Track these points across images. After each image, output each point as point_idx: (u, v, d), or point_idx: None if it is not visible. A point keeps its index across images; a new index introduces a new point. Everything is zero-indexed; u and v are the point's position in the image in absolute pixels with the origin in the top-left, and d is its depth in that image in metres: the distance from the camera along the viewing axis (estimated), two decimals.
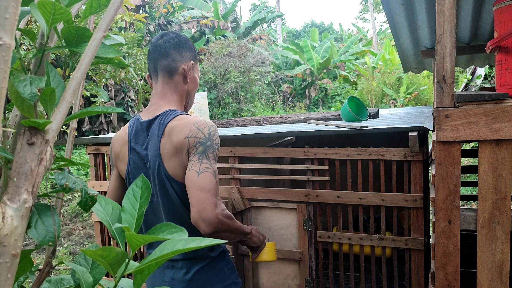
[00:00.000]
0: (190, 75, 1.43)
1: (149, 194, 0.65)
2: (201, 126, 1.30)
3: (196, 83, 1.47)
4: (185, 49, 1.42)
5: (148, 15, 10.65)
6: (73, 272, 0.60)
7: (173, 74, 1.39)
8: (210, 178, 1.23)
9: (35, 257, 4.68)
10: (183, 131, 1.28)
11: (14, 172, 0.45)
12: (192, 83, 1.45)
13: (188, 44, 1.43)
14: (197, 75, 1.48)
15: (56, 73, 0.55)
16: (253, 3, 29.00)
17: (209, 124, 1.32)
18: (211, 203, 1.21)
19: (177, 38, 1.42)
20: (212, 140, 1.29)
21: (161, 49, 1.39)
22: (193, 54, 1.45)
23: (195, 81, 1.46)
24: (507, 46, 1.46)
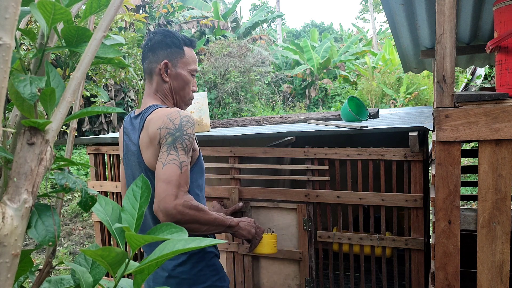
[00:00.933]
0: (172, 73, 1.40)
1: (149, 194, 0.65)
2: (173, 117, 1.29)
3: (181, 79, 1.41)
4: (160, 49, 1.39)
5: (148, 15, 10.65)
6: (73, 272, 0.60)
7: (152, 75, 1.41)
8: (173, 169, 1.22)
9: (35, 257, 4.68)
10: (157, 122, 1.29)
11: (14, 172, 0.45)
12: (176, 80, 1.41)
13: (164, 42, 1.39)
14: (182, 71, 1.41)
15: (56, 73, 0.55)
16: (253, 3, 29.02)
17: (182, 115, 1.29)
18: (170, 194, 1.20)
19: (154, 38, 1.41)
20: (182, 130, 1.26)
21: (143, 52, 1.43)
22: (170, 51, 1.39)
23: (178, 78, 1.41)
24: (507, 46, 1.46)
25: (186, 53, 1.42)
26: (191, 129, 1.29)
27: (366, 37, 18.94)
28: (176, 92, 1.42)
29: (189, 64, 1.42)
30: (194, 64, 1.44)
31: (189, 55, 1.42)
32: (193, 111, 2.87)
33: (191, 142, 1.28)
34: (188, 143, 1.27)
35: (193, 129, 1.29)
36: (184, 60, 1.41)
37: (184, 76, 1.41)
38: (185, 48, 1.42)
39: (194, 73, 1.44)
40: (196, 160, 1.39)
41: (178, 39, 1.41)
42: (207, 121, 2.91)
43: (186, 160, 1.25)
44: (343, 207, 2.39)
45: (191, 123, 1.30)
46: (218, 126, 3.32)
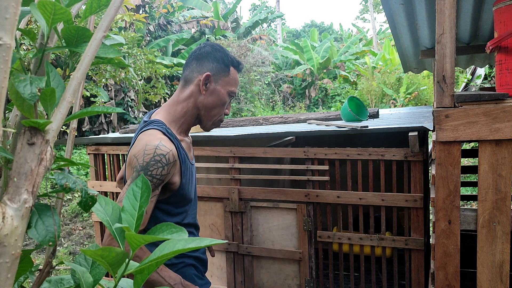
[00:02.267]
0: (210, 87, 1.33)
1: (149, 194, 0.65)
2: (147, 152, 1.22)
3: (217, 96, 1.34)
4: (207, 60, 1.35)
5: (148, 15, 10.65)
6: (73, 272, 0.60)
7: (188, 84, 1.36)
8: None
9: (35, 257, 4.68)
10: (136, 147, 1.24)
11: (14, 172, 0.45)
12: (211, 96, 1.34)
13: (213, 56, 1.34)
14: (222, 89, 1.34)
15: (56, 73, 0.55)
16: (253, 3, 29.01)
17: (157, 153, 1.21)
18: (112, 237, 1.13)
19: (203, 48, 1.37)
20: (147, 171, 1.19)
21: (188, 59, 1.39)
22: (216, 66, 1.34)
23: (215, 94, 1.34)
24: (507, 46, 1.46)
25: (231, 74, 1.36)
26: (159, 170, 1.21)
27: (366, 37, 18.94)
28: (207, 108, 1.35)
29: (231, 85, 1.36)
30: (235, 86, 1.38)
31: (233, 76, 1.37)
32: None
33: (155, 183, 1.21)
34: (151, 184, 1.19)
35: (162, 170, 1.21)
36: (227, 79, 1.36)
37: (221, 95, 1.35)
38: (231, 68, 1.37)
39: (232, 94, 1.38)
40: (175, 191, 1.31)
41: (227, 57, 1.37)
42: None
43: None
44: (343, 207, 2.39)
45: (162, 163, 1.21)
46: None
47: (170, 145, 1.26)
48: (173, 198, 1.32)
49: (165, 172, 1.23)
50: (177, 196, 1.32)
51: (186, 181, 1.33)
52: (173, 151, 1.25)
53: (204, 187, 2.60)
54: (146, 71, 5.53)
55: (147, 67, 5.56)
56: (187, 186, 1.34)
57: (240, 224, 2.50)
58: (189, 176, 1.36)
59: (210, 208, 2.60)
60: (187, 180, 1.34)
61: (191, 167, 1.39)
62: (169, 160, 1.23)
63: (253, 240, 2.51)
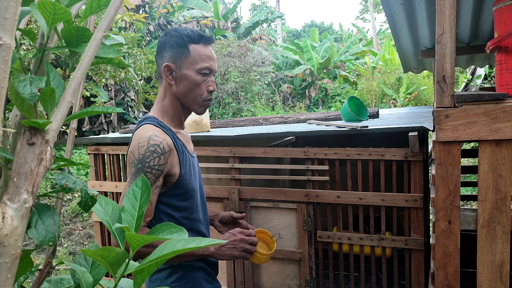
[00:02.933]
0: (177, 75, 1.31)
1: (149, 194, 0.65)
2: (141, 144, 1.22)
3: (187, 80, 1.30)
4: (164, 50, 1.32)
5: (148, 15, 10.66)
6: (73, 272, 0.60)
7: (160, 79, 1.36)
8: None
9: (35, 257, 4.68)
10: (131, 143, 1.26)
11: (14, 172, 0.45)
12: (181, 83, 1.31)
13: (169, 44, 1.31)
14: (188, 71, 1.30)
15: (56, 73, 0.55)
16: (253, 3, 29.00)
17: (150, 143, 1.22)
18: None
19: (160, 40, 1.35)
20: (144, 163, 1.20)
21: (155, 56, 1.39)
22: (174, 52, 1.30)
23: (184, 80, 1.31)
24: (507, 46, 1.46)
25: (192, 52, 1.30)
26: (156, 160, 1.21)
27: (366, 37, 18.94)
28: (185, 96, 1.33)
29: (196, 63, 1.30)
30: (204, 61, 1.31)
31: (196, 53, 1.30)
32: None
33: (154, 174, 1.22)
34: (151, 175, 1.21)
35: (159, 160, 1.22)
36: (190, 59, 1.30)
37: (190, 77, 1.30)
38: (191, 46, 1.30)
39: (204, 71, 1.31)
40: (176, 183, 1.30)
41: (182, 37, 1.30)
42: (207, 121, 2.91)
43: None
44: (343, 207, 2.39)
45: (157, 153, 1.22)
46: (218, 126, 3.32)
47: (163, 135, 1.26)
48: (175, 190, 1.31)
49: (163, 161, 1.23)
50: (179, 188, 1.31)
51: (186, 172, 1.32)
52: (167, 140, 1.25)
53: (204, 187, 2.60)
54: (146, 71, 5.53)
55: (147, 67, 5.56)
56: (187, 176, 1.32)
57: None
58: (189, 167, 1.34)
59: (210, 208, 2.60)
60: (187, 170, 1.33)
61: (191, 159, 1.38)
62: (164, 149, 1.23)
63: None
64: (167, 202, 1.31)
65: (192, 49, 1.31)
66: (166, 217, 1.30)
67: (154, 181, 1.22)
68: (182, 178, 1.30)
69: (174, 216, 1.31)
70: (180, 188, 1.31)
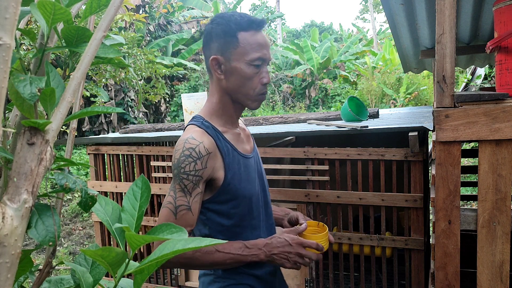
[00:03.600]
0: (226, 68, 1.17)
1: (149, 194, 0.65)
2: (178, 148, 1.14)
3: (237, 74, 1.16)
4: (211, 41, 1.18)
5: (148, 15, 10.66)
6: (73, 272, 0.60)
7: (209, 73, 1.23)
8: (166, 214, 1.13)
9: (35, 257, 4.68)
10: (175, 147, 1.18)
11: (14, 172, 0.45)
12: (232, 77, 1.17)
13: (215, 33, 1.17)
14: (238, 64, 1.15)
15: (56, 73, 0.55)
16: (253, 3, 29.01)
17: (185, 147, 1.12)
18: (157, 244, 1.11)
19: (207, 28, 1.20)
20: (179, 168, 1.11)
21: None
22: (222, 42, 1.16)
23: (234, 73, 1.16)
24: (507, 46, 1.46)
25: (242, 41, 1.15)
26: (192, 165, 1.11)
27: (366, 37, 18.95)
28: (236, 91, 1.19)
29: (247, 54, 1.15)
30: (255, 51, 1.15)
31: (246, 42, 1.15)
32: (193, 111, 2.87)
33: (192, 180, 1.12)
34: (188, 182, 1.12)
35: (195, 165, 1.11)
36: (239, 50, 1.15)
37: (241, 70, 1.16)
38: (240, 34, 1.15)
39: (257, 63, 1.16)
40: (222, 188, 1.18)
41: (229, 25, 1.15)
42: None
43: (184, 204, 1.12)
44: (343, 207, 2.39)
45: (193, 157, 1.11)
46: None
47: (203, 137, 1.14)
48: (222, 196, 1.19)
49: (200, 166, 1.12)
50: (226, 193, 1.19)
51: (234, 176, 1.19)
52: (205, 143, 1.13)
53: None
54: (146, 71, 5.53)
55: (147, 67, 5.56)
56: (236, 181, 1.19)
57: None
58: (238, 170, 1.21)
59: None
60: (235, 174, 1.20)
61: (243, 160, 1.24)
62: (200, 152, 1.12)
63: None
64: (214, 209, 1.20)
65: (242, 38, 1.15)
66: (214, 225, 1.21)
67: (193, 188, 1.12)
68: (229, 182, 1.18)
69: (223, 223, 1.21)
70: (227, 193, 1.19)
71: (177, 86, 11.37)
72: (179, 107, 11.01)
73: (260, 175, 1.32)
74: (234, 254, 1.14)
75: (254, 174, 1.27)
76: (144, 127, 3.46)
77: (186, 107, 2.88)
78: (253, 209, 1.25)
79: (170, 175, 2.77)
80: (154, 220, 2.91)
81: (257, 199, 1.27)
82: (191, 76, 11.58)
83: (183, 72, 10.97)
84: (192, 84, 11.45)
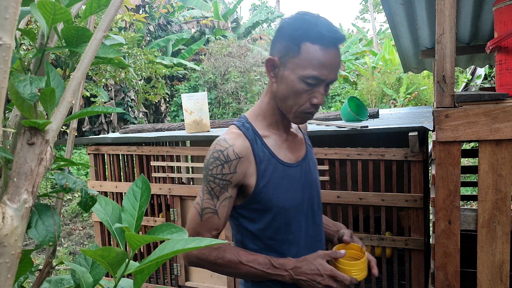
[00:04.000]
0: (279, 73, 1.07)
1: (149, 194, 0.65)
2: (210, 148, 1.09)
3: (286, 84, 1.06)
4: (277, 40, 1.08)
5: (148, 15, 10.66)
6: (73, 272, 0.60)
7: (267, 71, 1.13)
8: (193, 216, 1.11)
9: (35, 257, 4.68)
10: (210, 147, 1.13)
11: (14, 172, 0.45)
12: (281, 84, 1.07)
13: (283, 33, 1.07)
14: (290, 74, 1.04)
15: (56, 73, 0.55)
16: (253, 3, 29.00)
17: (215, 149, 1.07)
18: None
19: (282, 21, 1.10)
20: (207, 170, 1.07)
21: None
22: (284, 45, 1.05)
23: (283, 81, 1.06)
24: (507, 46, 1.46)
25: (304, 52, 1.02)
26: (219, 168, 1.05)
27: (366, 37, 18.95)
28: (282, 99, 1.09)
29: (303, 68, 1.02)
30: (313, 69, 1.02)
31: (307, 55, 1.02)
32: (193, 111, 2.87)
33: (218, 184, 1.06)
34: (214, 185, 1.06)
35: (222, 168, 1.05)
36: (297, 60, 1.03)
37: (290, 82, 1.04)
38: (305, 45, 1.02)
39: (310, 81, 1.03)
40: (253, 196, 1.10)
41: (298, 31, 1.03)
42: (207, 121, 2.90)
43: (210, 207, 1.07)
44: (343, 207, 2.39)
45: (220, 160, 1.05)
46: (218, 126, 3.32)
47: (236, 140, 1.07)
48: (253, 204, 1.11)
49: (228, 171, 1.05)
50: (257, 202, 1.10)
51: (268, 184, 1.09)
52: (236, 146, 1.06)
53: None
54: (146, 71, 5.54)
55: (147, 67, 5.56)
56: (270, 190, 1.10)
57: None
58: (275, 178, 1.11)
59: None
60: (270, 182, 1.10)
61: (283, 169, 1.13)
62: (229, 157, 1.05)
63: None
64: (246, 216, 1.13)
65: (304, 49, 1.02)
66: (246, 232, 1.15)
67: (221, 192, 1.07)
68: (260, 191, 1.09)
69: (255, 233, 1.13)
70: (258, 202, 1.10)
71: (177, 86, 11.38)
72: (179, 107, 11.02)
73: (309, 185, 1.19)
74: (257, 269, 1.08)
75: (298, 184, 1.15)
76: (144, 127, 3.46)
77: (186, 107, 2.88)
78: (292, 222, 1.14)
79: (170, 175, 2.77)
80: (154, 220, 2.91)
81: (298, 212, 1.15)
82: (191, 76, 11.58)
83: (183, 72, 10.97)
84: (192, 84, 11.46)
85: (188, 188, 2.71)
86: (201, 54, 12.27)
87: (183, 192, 2.71)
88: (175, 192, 2.72)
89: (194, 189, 2.67)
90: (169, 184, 2.76)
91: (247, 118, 1.15)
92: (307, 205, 1.18)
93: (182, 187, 2.72)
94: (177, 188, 2.72)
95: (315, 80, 1.03)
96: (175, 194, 2.73)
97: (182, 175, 2.78)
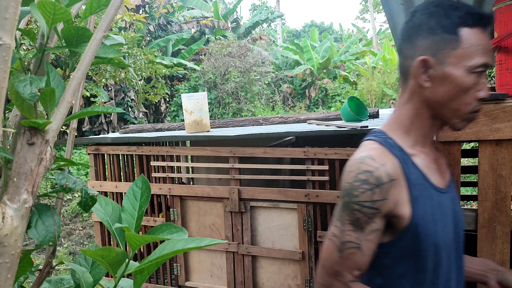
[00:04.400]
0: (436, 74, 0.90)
1: (149, 194, 0.65)
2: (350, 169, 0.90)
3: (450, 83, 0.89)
4: (420, 36, 0.91)
5: (148, 15, 10.66)
6: (73, 272, 0.60)
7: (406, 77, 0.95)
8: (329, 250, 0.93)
9: (35, 257, 4.68)
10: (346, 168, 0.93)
11: (14, 172, 0.45)
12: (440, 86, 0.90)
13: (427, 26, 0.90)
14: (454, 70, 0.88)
15: (56, 73, 0.55)
16: (253, 3, 29.01)
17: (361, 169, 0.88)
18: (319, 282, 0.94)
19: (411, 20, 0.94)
20: (351, 196, 0.88)
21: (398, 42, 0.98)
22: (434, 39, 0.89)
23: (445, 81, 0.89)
24: (507, 46, 1.46)
25: (465, 40, 0.87)
26: (368, 194, 0.86)
27: (366, 37, 18.97)
28: (441, 104, 0.92)
29: (469, 58, 0.88)
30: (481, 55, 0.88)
31: (470, 42, 0.87)
32: (193, 111, 2.87)
33: (366, 213, 0.87)
34: (361, 215, 0.87)
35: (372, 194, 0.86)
36: (459, 52, 0.88)
37: (456, 79, 0.88)
38: (463, 31, 0.88)
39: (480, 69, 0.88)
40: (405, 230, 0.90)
41: (450, 18, 0.88)
42: (207, 121, 2.91)
43: (354, 240, 0.88)
44: None
45: (370, 184, 0.86)
46: (218, 126, 3.32)
47: (385, 158, 0.89)
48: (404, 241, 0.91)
49: (378, 196, 0.87)
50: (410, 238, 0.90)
51: (424, 214, 0.90)
52: (388, 166, 0.88)
53: (204, 187, 2.60)
54: (146, 71, 5.54)
55: (147, 67, 5.56)
56: (426, 223, 0.90)
57: (240, 224, 2.50)
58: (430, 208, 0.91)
59: (210, 208, 2.61)
60: (426, 213, 0.90)
61: (437, 196, 0.94)
62: (381, 179, 0.86)
63: (253, 240, 2.51)
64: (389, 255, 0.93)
65: (465, 36, 0.88)
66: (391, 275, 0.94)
67: (367, 223, 0.88)
68: (416, 224, 0.89)
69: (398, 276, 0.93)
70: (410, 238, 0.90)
71: (177, 86, 11.38)
72: (179, 107, 11.02)
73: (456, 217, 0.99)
74: None
75: (449, 216, 0.96)
76: (144, 127, 3.46)
77: (186, 107, 2.88)
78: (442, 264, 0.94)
79: (170, 175, 2.77)
80: (154, 220, 2.91)
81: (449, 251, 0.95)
82: (191, 76, 11.59)
83: (183, 72, 10.98)
84: (192, 84, 11.46)
85: (188, 188, 2.71)
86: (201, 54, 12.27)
87: (183, 192, 2.72)
88: (175, 192, 2.73)
89: (194, 189, 2.67)
90: (169, 184, 2.76)
91: (385, 133, 0.96)
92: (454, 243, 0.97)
93: (182, 187, 2.73)
94: (177, 188, 2.73)
95: (483, 67, 0.89)
96: (175, 194, 2.73)
97: (182, 175, 2.78)
